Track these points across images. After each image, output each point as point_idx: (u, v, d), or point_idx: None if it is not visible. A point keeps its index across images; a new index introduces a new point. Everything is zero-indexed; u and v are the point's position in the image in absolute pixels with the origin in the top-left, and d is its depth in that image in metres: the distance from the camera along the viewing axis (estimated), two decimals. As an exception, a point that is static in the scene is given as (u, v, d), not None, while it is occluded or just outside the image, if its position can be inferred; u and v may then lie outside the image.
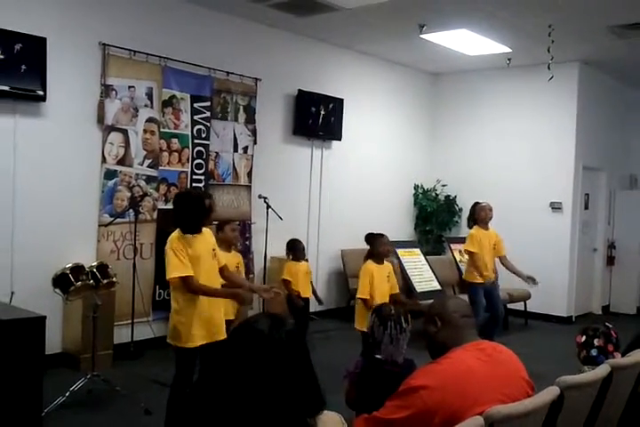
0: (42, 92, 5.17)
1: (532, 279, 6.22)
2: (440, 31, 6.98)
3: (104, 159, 5.73)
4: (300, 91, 7.45)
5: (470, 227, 6.52)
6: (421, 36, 7.06)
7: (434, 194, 9.33)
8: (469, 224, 6.55)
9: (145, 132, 6.03)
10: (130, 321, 5.67)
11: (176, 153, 6.31)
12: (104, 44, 5.63)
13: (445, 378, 2.13)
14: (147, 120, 6.04)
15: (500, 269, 6.55)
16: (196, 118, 6.45)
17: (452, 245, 8.55)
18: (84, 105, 5.58)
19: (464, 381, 2.11)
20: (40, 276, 4.89)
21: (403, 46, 7.86)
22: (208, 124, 6.57)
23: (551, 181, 8.45)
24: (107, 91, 5.69)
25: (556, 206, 8.42)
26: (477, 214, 6.39)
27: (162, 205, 6.19)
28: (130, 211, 5.76)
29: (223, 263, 3.98)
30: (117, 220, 5.73)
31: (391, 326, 2.93)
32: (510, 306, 7.92)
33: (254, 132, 7.03)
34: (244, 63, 6.84)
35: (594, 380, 2.63)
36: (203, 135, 6.53)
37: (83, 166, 5.61)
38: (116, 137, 5.80)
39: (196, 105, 6.44)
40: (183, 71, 6.28)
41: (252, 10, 6.47)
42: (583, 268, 8.73)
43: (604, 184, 9.23)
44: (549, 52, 6.45)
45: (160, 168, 6.18)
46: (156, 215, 6.14)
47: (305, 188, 7.76)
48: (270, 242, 6.87)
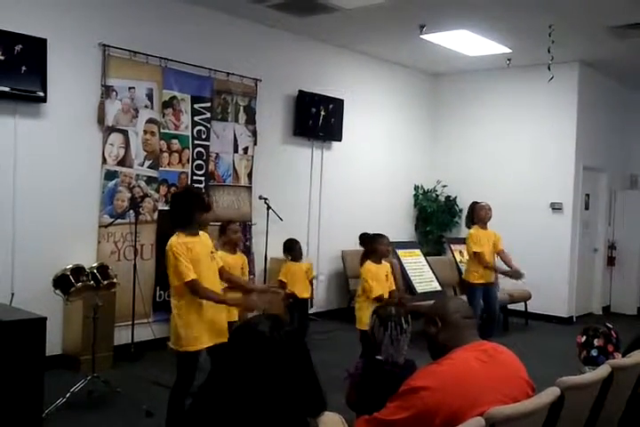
0: (42, 93, 5.17)
1: (518, 273, 6.15)
2: (440, 32, 6.98)
3: (104, 160, 5.73)
4: (301, 91, 7.45)
5: (468, 226, 6.51)
6: (421, 36, 7.06)
7: (434, 195, 9.33)
8: (467, 224, 6.54)
9: (145, 132, 6.03)
10: (130, 322, 5.67)
11: (176, 154, 6.32)
12: (104, 44, 5.64)
13: (446, 379, 2.13)
14: (147, 121, 6.04)
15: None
16: (196, 119, 6.46)
17: (452, 246, 8.55)
18: (84, 106, 5.59)
19: (465, 381, 2.11)
20: (40, 277, 4.89)
21: (403, 47, 7.87)
22: (208, 125, 6.57)
23: (551, 182, 8.44)
24: (107, 92, 5.70)
25: (556, 207, 8.42)
26: (477, 214, 6.38)
27: (162, 206, 6.19)
28: (130, 212, 5.76)
29: (221, 264, 3.97)
30: (118, 221, 5.73)
31: (392, 326, 2.93)
32: (511, 306, 7.92)
33: (254, 133, 7.04)
34: (244, 64, 6.84)
35: (594, 380, 2.63)
36: (203, 136, 6.53)
37: (83, 167, 5.61)
38: (116, 138, 5.81)
39: (196, 106, 6.44)
40: (183, 72, 6.29)
41: (252, 11, 6.47)
42: (584, 268, 8.73)
43: (604, 185, 9.23)
44: (549, 52, 6.45)
45: (160, 169, 6.18)
46: (156, 216, 6.14)
47: (305, 188, 7.76)
48: (271, 243, 6.87)
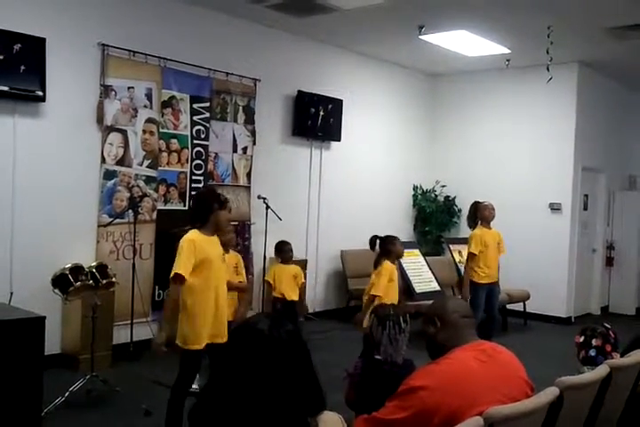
0: (41, 93, 5.16)
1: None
2: (439, 32, 6.99)
3: (103, 160, 5.73)
4: (300, 91, 7.45)
5: (471, 226, 6.42)
6: (420, 37, 7.06)
7: (433, 195, 9.34)
8: (470, 224, 6.44)
9: (144, 132, 6.03)
10: (129, 321, 5.66)
11: (175, 153, 6.32)
12: (103, 44, 5.64)
13: (445, 379, 2.13)
14: (146, 121, 6.04)
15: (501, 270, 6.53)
16: (195, 119, 6.46)
17: (451, 246, 8.55)
18: (83, 105, 5.58)
19: (463, 381, 2.11)
20: (39, 276, 4.89)
21: (402, 47, 7.87)
22: (207, 125, 6.57)
23: (550, 182, 8.45)
24: (106, 91, 5.69)
25: (555, 207, 8.43)
26: (481, 214, 6.29)
27: (161, 206, 6.20)
28: (129, 211, 5.76)
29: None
30: (117, 220, 5.73)
31: (390, 326, 2.94)
32: (509, 306, 7.93)
33: (253, 133, 7.04)
34: (243, 64, 6.84)
35: (593, 380, 2.64)
36: (202, 136, 6.53)
37: (82, 167, 5.61)
38: (115, 137, 5.80)
39: (195, 106, 6.45)
40: (182, 72, 6.29)
41: (251, 11, 6.48)
42: (582, 268, 8.73)
43: (603, 185, 9.24)
44: (548, 53, 6.46)
45: (159, 169, 6.18)
46: (155, 216, 6.14)
47: (304, 188, 7.76)
48: (269, 243, 6.86)
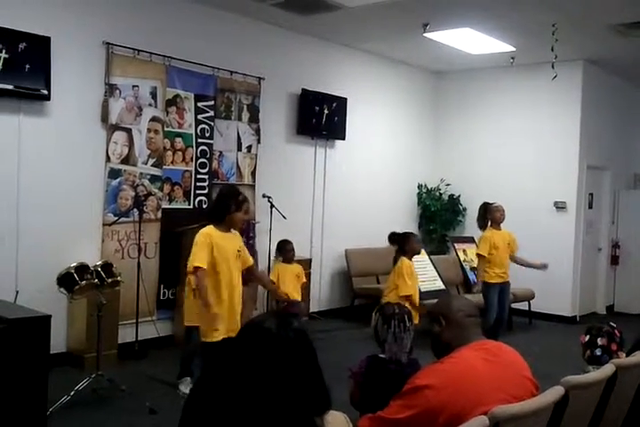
0: (46, 92, 5.17)
1: (544, 265, 6.55)
2: (443, 30, 6.96)
3: (108, 158, 5.73)
4: (304, 90, 7.44)
5: (481, 227, 6.44)
6: (425, 34, 7.04)
7: (437, 193, 9.32)
8: (480, 225, 6.46)
9: (149, 131, 6.03)
10: (134, 320, 5.66)
11: (180, 152, 6.32)
12: (108, 43, 5.64)
13: (450, 378, 2.12)
14: (151, 119, 6.04)
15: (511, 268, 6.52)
16: (199, 117, 6.46)
17: (455, 245, 8.55)
18: (87, 104, 5.59)
19: (468, 380, 2.11)
20: (45, 275, 4.89)
21: (406, 45, 7.85)
22: (212, 124, 6.57)
23: (555, 181, 8.42)
24: (111, 90, 5.70)
25: (560, 206, 8.40)
26: (492, 215, 6.35)
27: (166, 205, 6.20)
28: (134, 210, 5.76)
29: (251, 263, 4.10)
30: (122, 219, 5.73)
31: (395, 324, 2.94)
32: (514, 306, 7.89)
33: (258, 132, 7.03)
34: (247, 62, 6.83)
35: (598, 379, 2.63)
36: (206, 134, 6.53)
37: (87, 165, 5.61)
38: (120, 136, 5.81)
39: (199, 104, 6.44)
40: (187, 70, 6.28)
41: (255, 9, 6.47)
42: (587, 267, 8.71)
43: (608, 183, 9.20)
44: (553, 50, 6.43)
45: (164, 167, 6.18)
46: (160, 215, 6.14)
47: (309, 187, 7.75)
48: (274, 241, 6.86)
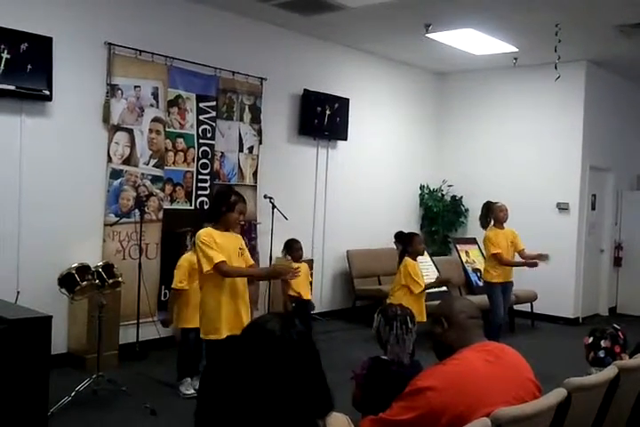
0: (48, 92, 5.16)
1: (545, 256, 6.26)
2: (446, 30, 6.95)
3: (110, 159, 5.73)
4: (306, 90, 7.43)
5: (484, 226, 6.38)
6: (427, 35, 7.03)
7: (440, 194, 9.31)
8: (483, 224, 6.39)
9: (150, 131, 6.02)
10: (135, 321, 5.66)
11: (181, 153, 6.31)
12: (110, 43, 5.63)
13: (452, 379, 2.11)
14: (152, 120, 6.03)
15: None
16: (201, 118, 6.45)
17: (458, 246, 8.53)
18: (89, 104, 5.58)
19: (471, 382, 2.10)
20: (46, 275, 4.89)
21: (408, 46, 7.84)
22: (213, 124, 6.56)
23: (558, 182, 8.40)
24: (112, 90, 5.69)
25: (562, 207, 8.38)
26: (495, 215, 6.29)
27: (167, 205, 6.19)
28: (135, 211, 5.76)
29: (251, 263, 4.10)
30: (123, 220, 5.73)
31: (397, 326, 2.93)
32: (517, 307, 7.88)
33: (260, 132, 7.02)
34: (249, 63, 6.83)
35: (601, 381, 2.61)
36: (208, 135, 6.53)
37: (88, 166, 5.61)
38: (121, 137, 5.81)
39: (201, 105, 6.44)
40: (189, 71, 6.28)
41: (257, 9, 6.46)
42: (590, 269, 8.68)
43: (611, 184, 9.18)
44: (556, 51, 6.42)
45: (165, 168, 6.17)
46: (161, 215, 6.14)
47: (310, 188, 7.74)
48: (276, 242, 6.85)
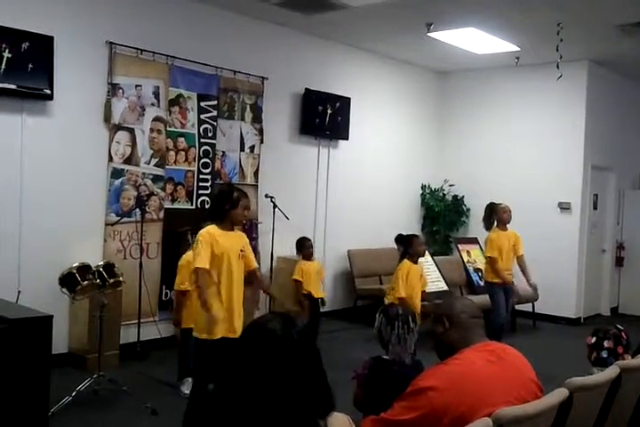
0: (49, 91, 5.16)
1: (534, 288, 6.29)
2: (447, 30, 6.94)
3: (111, 158, 5.72)
4: (307, 89, 7.42)
5: (487, 228, 6.38)
6: (429, 34, 7.02)
7: (441, 194, 9.29)
8: (486, 225, 6.38)
9: (152, 131, 6.02)
10: (136, 321, 5.66)
11: (182, 152, 6.31)
12: (111, 42, 5.63)
13: (453, 379, 2.11)
14: (153, 119, 6.03)
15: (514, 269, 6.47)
16: (202, 117, 6.44)
17: (459, 246, 8.52)
18: (90, 104, 5.58)
19: (472, 382, 2.09)
20: (47, 275, 4.89)
21: (410, 45, 7.83)
22: (215, 123, 6.55)
23: (559, 181, 8.39)
24: (113, 89, 5.69)
25: (564, 206, 8.37)
26: (499, 216, 6.28)
27: (168, 205, 6.19)
28: (136, 210, 5.76)
29: (254, 266, 4.10)
30: (124, 219, 5.73)
31: (398, 326, 2.92)
32: (518, 307, 7.86)
33: (261, 132, 7.02)
34: (250, 62, 6.82)
35: (603, 381, 2.61)
36: (209, 134, 6.52)
37: (89, 165, 5.60)
38: (122, 136, 5.80)
39: (202, 104, 6.43)
40: (190, 70, 6.28)
41: (258, 8, 6.46)
42: (592, 269, 8.67)
43: (612, 184, 9.16)
44: (558, 50, 6.41)
45: (167, 167, 6.17)
46: (162, 215, 6.13)
47: (312, 187, 7.74)
48: (277, 242, 6.85)
